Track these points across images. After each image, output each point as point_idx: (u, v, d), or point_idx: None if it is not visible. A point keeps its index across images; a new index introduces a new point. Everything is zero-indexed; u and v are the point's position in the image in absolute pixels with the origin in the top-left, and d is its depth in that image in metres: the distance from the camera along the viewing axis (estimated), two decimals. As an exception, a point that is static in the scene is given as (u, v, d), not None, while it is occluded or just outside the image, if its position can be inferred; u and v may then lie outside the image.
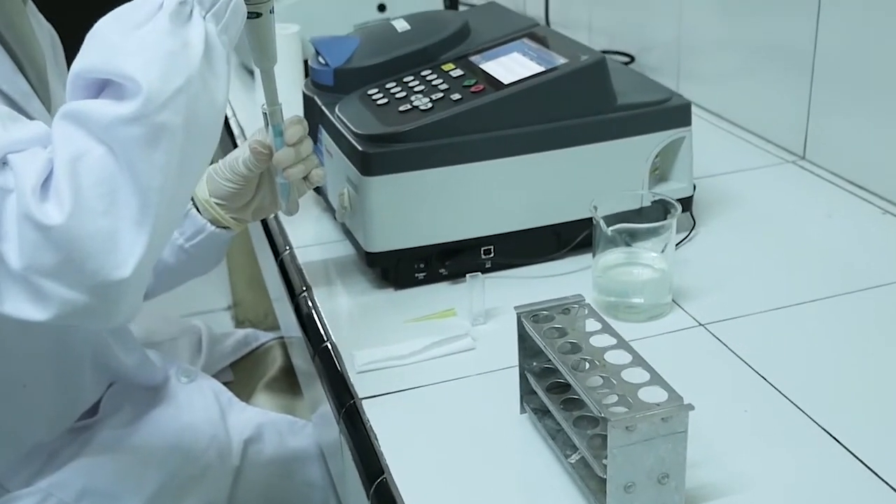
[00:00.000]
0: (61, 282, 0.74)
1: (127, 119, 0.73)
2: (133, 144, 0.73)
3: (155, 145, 0.74)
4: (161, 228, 0.77)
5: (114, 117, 0.73)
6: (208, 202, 1.00)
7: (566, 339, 0.78)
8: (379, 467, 0.79)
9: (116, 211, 0.74)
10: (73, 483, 1.01)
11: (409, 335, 0.95)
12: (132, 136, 0.73)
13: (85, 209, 0.73)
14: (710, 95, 1.53)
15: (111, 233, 0.74)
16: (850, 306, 0.98)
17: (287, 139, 0.95)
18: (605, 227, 0.95)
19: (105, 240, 0.74)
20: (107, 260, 0.74)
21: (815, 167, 1.31)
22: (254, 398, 1.22)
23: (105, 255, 0.74)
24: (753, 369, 0.89)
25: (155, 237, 0.76)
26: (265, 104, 0.95)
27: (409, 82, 1.10)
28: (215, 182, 1.00)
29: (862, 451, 0.77)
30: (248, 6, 0.84)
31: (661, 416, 0.68)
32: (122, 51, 0.74)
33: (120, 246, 0.74)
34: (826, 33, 1.25)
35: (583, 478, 0.75)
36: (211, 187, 1.00)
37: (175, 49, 0.75)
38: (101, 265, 0.74)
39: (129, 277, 0.75)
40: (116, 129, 0.73)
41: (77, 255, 0.73)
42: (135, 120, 0.73)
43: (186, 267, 1.06)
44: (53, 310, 0.75)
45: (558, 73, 1.03)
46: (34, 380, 0.99)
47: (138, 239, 0.75)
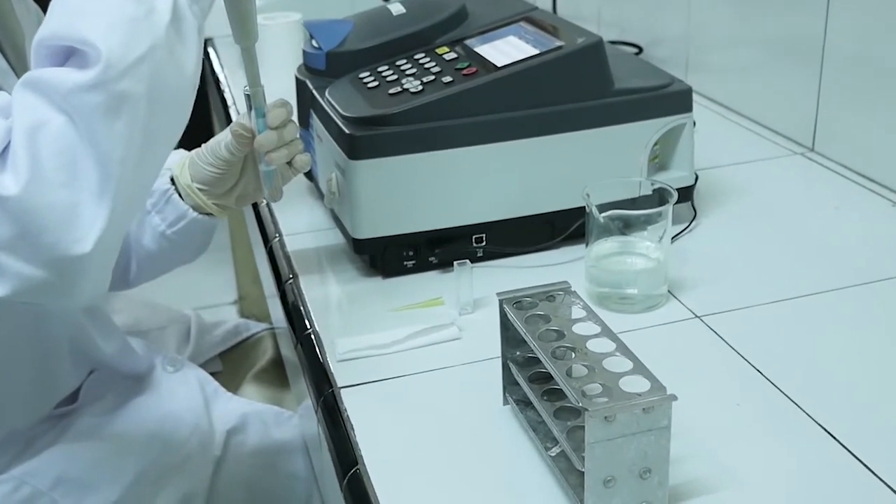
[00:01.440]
0: (17, 255, 0.71)
1: (86, 86, 0.70)
2: (93, 113, 0.71)
3: (116, 114, 0.71)
4: (125, 202, 0.74)
5: (73, 84, 0.70)
6: (190, 187, 0.98)
7: (549, 326, 0.75)
8: (353, 458, 0.76)
9: (76, 183, 0.71)
10: (48, 471, 0.98)
11: (394, 324, 0.92)
12: (92, 105, 0.70)
13: (42, 180, 0.70)
14: (718, 87, 1.49)
15: (70, 205, 0.71)
16: (853, 300, 0.94)
17: (269, 122, 0.91)
18: (598, 214, 0.91)
19: (63, 212, 0.71)
20: (65, 234, 0.71)
21: (823, 159, 1.27)
22: (242, 389, 1.20)
23: (63, 228, 0.71)
24: (749, 362, 0.85)
25: (117, 211, 0.73)
26: (247, 86, 0.92)
27: (401, 66, 1.07)
28: (198, 167, 0.97)
29: (858, 447, 0.74)
30: None
31: (643, 407, 0.64)
32: (84, 16, 0.72)
33: (79, 219, 0.71)
34: (836, 25, 1.21)
35: (563, 471, 0.72)
36: (193, 172, 0.97)
37: (138, 16, 0.72)
38: (59, 239, 0.71)
39: (89, 253, 0.72)
40: (76, 96, 0.70)
41: (33, 228, 0.71)
42: (94, 87, 0.70)
43: (169, 255, 1.03)
44: (10, 285, 0.72)
45: (553, 55, 1.00)
46: (9, 365, 0.97)
47: (99, 212, 0.72)
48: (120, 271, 1.05)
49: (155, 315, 1.24)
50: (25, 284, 0.73)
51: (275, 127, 0.92)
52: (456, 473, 0.74)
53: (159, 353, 1.13)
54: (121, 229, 0.77)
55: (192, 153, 0.99)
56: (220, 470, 1.05)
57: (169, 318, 1.25)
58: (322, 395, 0.85)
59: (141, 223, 1.01)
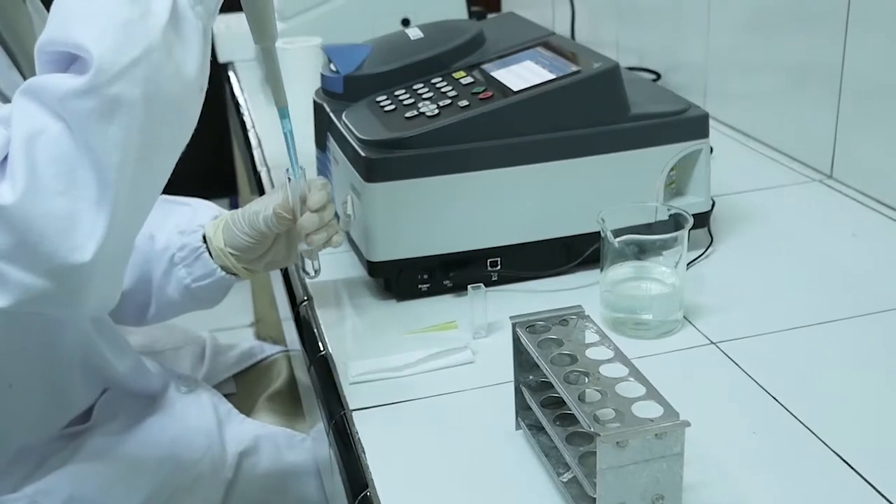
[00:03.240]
0: (17, 265, 0.71)
1: (79, 91, 0.69)
2: (86, 118, 0.69)
3: (110, 119, 0.70)
4: (127, 209, 0.73)
5: (66, 90, 0.69)
6: (223, 251, 0.99)
7: (562, 350, 0.74)
8: (364, 481, 0.76)
9: (74, 191, 0.70)
10: (59, 490, 0.98)
11: (407, 347, 0.92)
12: (85, 110, 0.69)
13: (40, 188, 0.69)
14: (736, 114, 1.49)
15: (69, 214, 0.70)
16: (871, 328, 0.93)
17: (311, 205, 0.93)
18: (613, 238, 0.91)
19: (61, 221, 0.70)
20: (64, 242, 0.70)
21: (842, 186, 1.26)
22: (255, 411, 1.19)
23: (62, 236, 0.70)
24: (765, 390, 0.84)
25: (118, 218, 0.72)
26: (289, 169, 0.93)
27: (418, 89, 1.07)
28: (232, 232, 0.99)
29: (875, 477, 0.72)
30: None
31: (655, 433, 0.64)
32: (77, 21, 0.70)
33: (78, 227, 0.71)
34: (854, 52, 1.21)
35: (574, 498, 0.71)
36: (226, 236, 0.99)
37: (132, 18, 0.71)
38: (58, 247, 0.70)
39: (90, 261, 0.71)
40: (70, 102, 0.69)
41: (32, 237, 0.70)
42: (87, 92, 0.69)
43: (188, 304, 1.05)
44: (12, 295, 0.72)
45: (569, 80, 1.00)
46: (20, 380, 0.97)
47: (98, 220, 0.71)
48: (138, 310, 1.07)
49: (170, 335, 1.24)
50: (27, 294, 0.72)
51: (315, 210, 0.93)
52: (467, 498, 0.74)
53: (174, 373, 1.13)
54: (125, 236, 0.76)
55: (228, 216, 1.00)
56: (231, 492, 1.05)
57: (184, 339, 1.25)
58: (334, 418, 0.85)
59: (167, 273, 1.03)
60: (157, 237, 1.03)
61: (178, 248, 1.02)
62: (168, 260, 1.02)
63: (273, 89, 0.89)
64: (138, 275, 1.04)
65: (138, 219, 0.78)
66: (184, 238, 1.02)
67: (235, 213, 0.99)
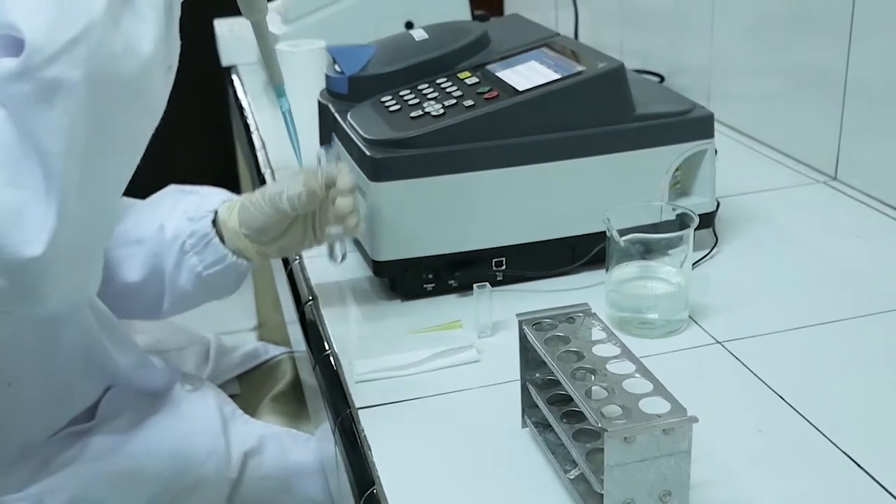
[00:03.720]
0: None
1: (13, 75, 0.65)
2: (23, 103, 0.65)
3: (49, 103, 0.65)
4: (80, 200, 0.69)
5: (2, 74, 0.65)
6: (237, 232, 0.98)
7: (568, 347, 0.74)
8: (370, 479, 0.76)
9: (20, 181, 0.66)
10: (64, 490, 0.98)
11: (412, 346, 0.92)
12: (21, 94, 0.65)
13: None
14: (741, 116, 1.49)
15: (16, 206, 0.66)
16: (876, 327, 0.93)
17: (342, 185, 0.92)
18: (619, 237, 0.91)
19: (8, 213, 0.66)
20: (12, 235, 0.66)
21: (846, 187, 1.26)
22: (259, 412, 1.19)
23: (9, 230, 0.66)
24: (771, 388, 0.84)
25: (70, 209, 0.68)
26: (320, 149, 0.91)
27: (423, 90, 1.07)
28: (250, 213, 0.97)
29: (881, 474, 0.72)
30: None
31: (663, 428, 0.64)
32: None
33: (26, 220, 0.67)
34: (858, 56, 1.21)
35: (581, 494, 0.71)
36: (243, 217, 0.97)
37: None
38: (6, 242, 0.67)
39: (41, 255, 0.67)
40: (6, 87, 0.65)
41: None
42: (21, 75, 0.65)
43: (202, 294, 1.04)
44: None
45: (574, 80, 1.00)
46: (19, 378, 0.97)
47: (48, 212, 0.67)
48: (151, 305, 1.06)
49: (175, 336, 1.24)
50: None
51: (349, 189, 0.92)
52: (474, 496, 0.74)
53: (179, 371, 1.13)
54: (84, 228, 0.71)
55: (244, 198, 0.98)
56: (236, 492, 1.05)
57: (189, 339, 1.25)
58: (340, 416, 0.85)
59: (179, 263, 1.01)
60: (166, 227, 1.02)
61: (188, 234, 1.00)
62: (178, 249, 1.00)
63: (267, 66, 0.85)
64: (149, 268, 1.03)
65: (100, 209, 0.74)
66: (193, 224, 1.00)
67: (252, 195, 0.97)
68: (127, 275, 1.03)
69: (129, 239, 1.04)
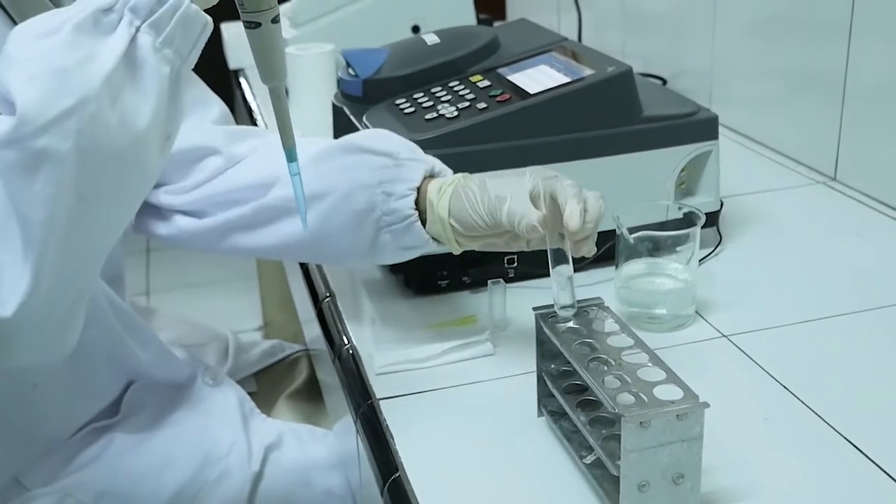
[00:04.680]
0: None
1: (1, 142, 0.66)
2: (8, 170, 0.66)
3: (33, 173, 0.66)
4: (57, 266, 0.69)
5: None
6: (444, 221, 0.87)
7: (583, 339, 0.78)
8: (394, 465, 0.79)
9: (1, 243, 0.67)
10: (92, 484, 1.01)
11: (429, 340, 0.95)
12: (7, 161, 0.66)
13: None
14: (742, 118, 1.52)
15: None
16: (875, 322, 0.97)
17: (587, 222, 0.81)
18: (628, 235, 0.94)
19: None
20: None
21: (845, 188, 1.29)
22: (276, 409, 1.22)
23: None
24: (776, 379, 0.88)
25: (45, 276, 0.68)
26: None
27: (436, 93, 1.10)
28: (462, 206, 0.86)
29: (883, 459, 0.76)
30: (245, 15, 0.76)
31: (676, 414, 0.67)
32: (10, 64, 0.67)
33: (1, 282, 0.67)
34: (857, 57, 1.25)
35: (597, 478, 0.74)
36: (454, 207, 0.86)
37: (68, 65, 0.67)
38: None
39: (11, 317, 0.68)
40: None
41: None
42: (8, 143, 0.65)
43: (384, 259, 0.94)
44: None
45: (584, 83, 1.03)
46: (45, 379, 0.99)
47: (22, 276, 0.67)
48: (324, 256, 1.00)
49: (194, 332, 1.27)
50: None
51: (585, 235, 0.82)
52: (494, 480, 0.77)
53: (201, 363, 1.16)
54: (58, 293, 0.71)
55: (460, 185, 0.87)
56: (257, 486, 1.07)
57: (208, 335, 1.28)
58: (361, 407, 0.88)
59: (368, 235, 0.91)
60: (356, 194, 0.90)
61: (386, 212, 0.89)
62: (374, 222, 0.90)
63: (280, 130, 0.83)
64: (324, 227, 0.91)
65: (78, 272, 0.74)
66: (392, 202, 0.88)
67: (470, 186, 0.86)
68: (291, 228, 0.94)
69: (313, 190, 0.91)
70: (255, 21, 0.77)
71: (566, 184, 0.84)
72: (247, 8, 0.76)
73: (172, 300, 2.87)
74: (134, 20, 0.70)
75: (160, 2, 0.71)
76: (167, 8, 0.71)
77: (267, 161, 0.97)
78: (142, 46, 0.70)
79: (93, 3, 0.69)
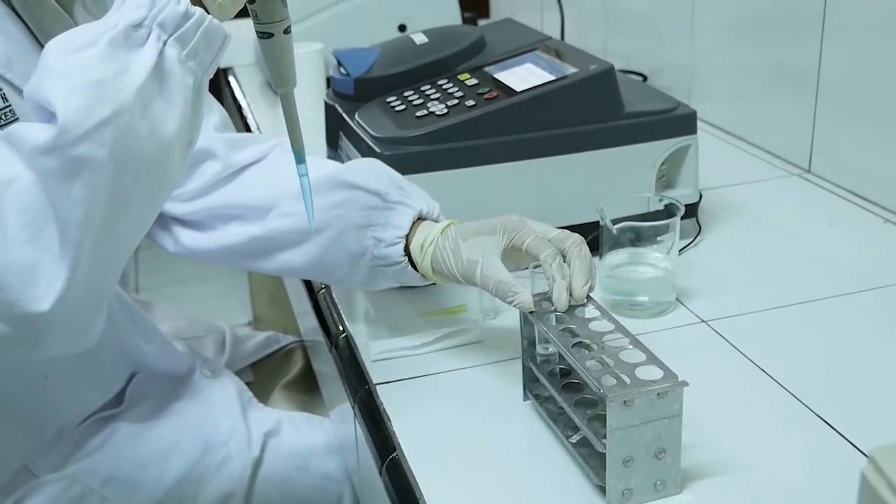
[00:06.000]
0: None
1: (43, 149, 0.70)
2: (50, 176, 0.70)
3: (73, 178, 0.70)
4: (90, 264, 0.73)
5: (32, 145, 0.70)
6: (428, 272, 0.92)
7: (566, 325, 0.82)
8: (392, 446, 0.83)
9: (39, 241, 0.71)
10: (98, 471, 1.05)
11: (421, 329, 1.00)
12: (49, 168, 0.70)
13: (5, 237, 0.71)
14: (720, 113, 1.57)
15: (32, 264, 0.71)
16: (850, 306, 1.02)
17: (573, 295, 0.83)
18: (612, 226, 0.99)
19: (24, 270, 0.71)
20: (24, 292, 0.72)
21: (819, 179, 1.34)
22: (272, 399, 1.26)
23: (23, 286, 0.71)
24: (753, 362, 0.92)
25: (80, 273, 0.73)
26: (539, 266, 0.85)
27: (426, 90, 1.15)
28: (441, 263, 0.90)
29: (853, 434, 0.81)
30: (258, 26, 0.81)
31: (657, 392, 0.71)
32: (50, 77, 0.71)
33: (40, 279, 0.72)
34: (830, 54, 1.30)
35: (583, 456, 0.78)
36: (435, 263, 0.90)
37: (105, 77, 0.71)
38: (18, 296, 0.72)
39: (48, 311, 0.72)
40: (35, 157, 0.70)
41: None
42: (50, 151, 0.70)
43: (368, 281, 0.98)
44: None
45: (568, 81, 1.08)
46: (56, 371, 1.03)
47: (60, 273, 0.72)
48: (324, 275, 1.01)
49: (192, 326, 1.31)
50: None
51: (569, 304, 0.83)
52: (486, 459, 0.81)
53: (199, 356, 1.20)
54: (89, 288, 0.76)
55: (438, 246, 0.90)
56: (257, 470, 1.11)
57: (206, 329, 1.31)
58: (358, 392, 0.92)
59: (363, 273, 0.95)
60: (347, 237, 0.94)
61: (376, 256, 0.93)
62: (366, 263, 0.94)
63: (290, 134, 0.87)
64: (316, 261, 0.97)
65: (107, 270, 0.78)
66: (381, 248, 0.93)
67: (446, 248, 0.89)
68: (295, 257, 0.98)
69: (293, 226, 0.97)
70: (268, 31, 0.81)
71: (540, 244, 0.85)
72: (260, 19, 0.81)
73: (162, 297, 2.90)
74: (162, 34, 0.74)
75: (185, 17, 0.75)
76: (192, 23, 0.75)
77: (266, 180, 1.02)
78: (169, 59, 0.74)
79: (124, 19, 0.73)
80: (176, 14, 0.74)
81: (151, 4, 0.74)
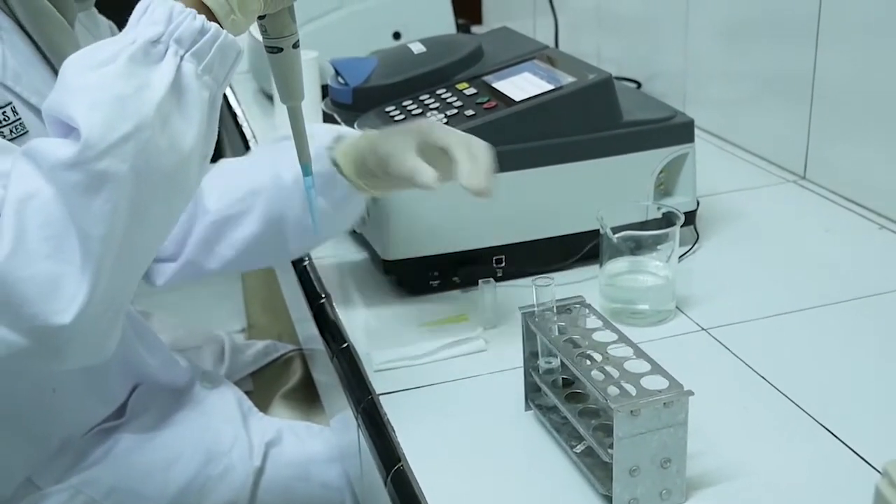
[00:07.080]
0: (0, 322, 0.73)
1: (66, 164, 0.71)
2: (72, 190, 0.71)
3: (95, 193, 0.71)
4: (110, 277, 0.74)
5: (55, 160, 0.71)
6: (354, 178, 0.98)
7: (568, 335, 0.82)
8: (396, 456, 0.83)
9: (60, 255, 0.72)
10: (102, 481, 1.05)
11: (423, 338, 1.00)
12: (71, 182, 0.71)
13: (27, 251, 0.71)
14: (715, 120, 1.58)
15: (54, 278, 0.72)
16: (847, 313, 1.02)
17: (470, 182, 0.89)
18: (612, 234, 0.99)
19: (45, 284, 0.72)
20: (46, 305, 0.72)
21: (815, 186, 1.35)
22: (272, 407, 1.27)
23: (44, 300, 0.72)
24: (753, 370, 0.93)
25: (100, 286, 0.74)
26: None
27: (424, 100, 1.15)
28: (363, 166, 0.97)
29: (854, 441, 0.82)
30: (267, 41, 0.82)
31: (663, 402, 0.72)
32: (71, 92, 0.72)
33: (61, 292, 0.72)
34: (825, 61, 1.31)
35: (588, 466, 0.79)
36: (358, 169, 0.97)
37: (126, 93, 0.72)
38: (40, 310, 0.72)
39: (70, 324, 0.73)
40: (58, 172, 0.71)
41: (15, 298, 0.72)
42: (73, 166, 0.71)
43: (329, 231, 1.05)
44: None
45: (566, 90, 1.08)
46: (63, 384, 1.03)
47: (81, 287, 0.73)
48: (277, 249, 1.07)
49: (191, 335, 1.31)
50: (9, 350, 0.74)
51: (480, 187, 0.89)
52: (490, 469, 0.81)
53: (198, 369, 1.20)
54: (109, 301, 0.77)
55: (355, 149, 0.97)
56: (259, 479, 1.12)
57: (204, 338, 1.32)
58: (361, 402, 0.92)
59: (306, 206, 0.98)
60: (282, 173, 1.01)
61: None
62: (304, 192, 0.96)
63: (297, 146, 0.89)
64: (270, 215, 1.02)
65: (126, 282, 0.79)
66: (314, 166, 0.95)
67: (363, 150, 0.96)
68: (246, 228, 1.04)
69: (241, 194, 1.04)
70: (277, 46, 0.83)
71: (447, 132, 0.93)
72: (270, 34, 0.82)
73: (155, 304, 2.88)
74: (179, 50, 0.75)
75: (202, 32, 0.75)
76: (207, 38, 0.76)
77: None
78: (186, 74, 0.75)
79: (142, 35, 0.74)
80: (192, 30, 0.75)
81: (168, 20, 0.74)
